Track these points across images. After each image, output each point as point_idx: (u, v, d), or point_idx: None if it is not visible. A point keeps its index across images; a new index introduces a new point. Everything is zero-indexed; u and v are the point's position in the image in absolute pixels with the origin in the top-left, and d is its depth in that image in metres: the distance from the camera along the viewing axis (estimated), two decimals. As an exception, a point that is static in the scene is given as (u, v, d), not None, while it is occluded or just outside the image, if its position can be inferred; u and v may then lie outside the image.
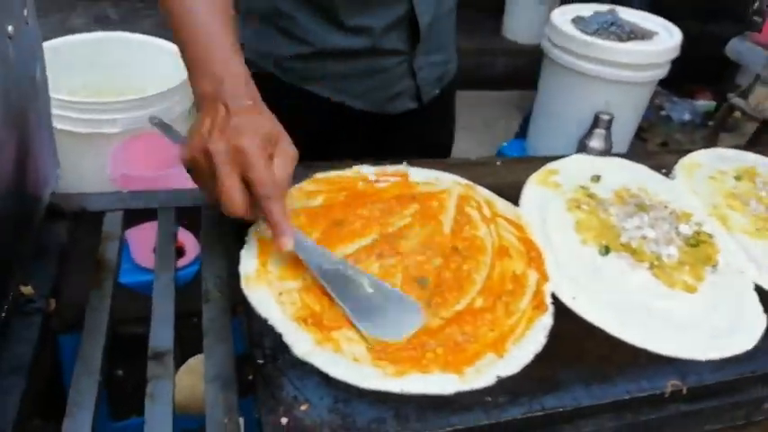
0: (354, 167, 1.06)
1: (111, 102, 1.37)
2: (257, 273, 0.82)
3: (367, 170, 1.06)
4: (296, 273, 0.83)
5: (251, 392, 0.71)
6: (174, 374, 0.76)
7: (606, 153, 1.38)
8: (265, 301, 0.78)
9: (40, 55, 0.92)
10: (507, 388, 0.71)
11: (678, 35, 1.86)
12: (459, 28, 1.41)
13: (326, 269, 0.78)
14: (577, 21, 1.88)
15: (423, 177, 1.07)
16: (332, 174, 1.04)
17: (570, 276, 0.89)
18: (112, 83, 1.68)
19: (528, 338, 0.78)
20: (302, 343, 0.72)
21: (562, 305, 0.84)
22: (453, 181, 1.07)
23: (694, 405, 0.76)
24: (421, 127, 1.39)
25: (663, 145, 3.12)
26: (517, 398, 0.70)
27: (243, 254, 0.85)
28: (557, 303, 0.84)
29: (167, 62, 1.56)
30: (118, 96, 1.39)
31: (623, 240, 0.96)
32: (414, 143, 1.37)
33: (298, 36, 1.24)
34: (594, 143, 1.75)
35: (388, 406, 0.67)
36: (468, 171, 1.09)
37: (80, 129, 1.37)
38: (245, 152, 0.72)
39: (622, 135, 1.87)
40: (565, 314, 0.83)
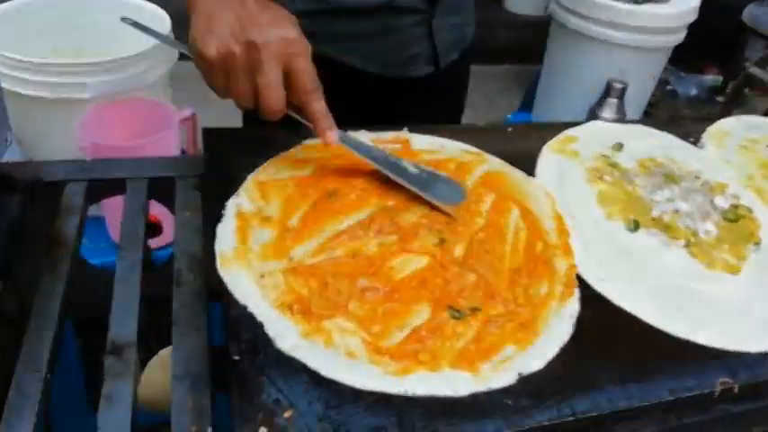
0: (350, 133, 0.94)
1: (77, 63, 1.23)
2: (235, 251, 0.70)
3: (364, 136, 0.94)
4: (281, 251, 0.71)
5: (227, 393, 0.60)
6: (137, 372, 0.64)
7: (620, 123, 1.25)
8: (244, 285, 0.66)
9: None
10: (531, 388, 0.60)
11: (696, -3, 1.73)
12: None
13: (376, 155, 0.82)
14: (588, -19, 1.75)
15: (426, 145, 0.95)
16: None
17: (596, 254, 0.77)
18: (88, 48, 1.54)
19: (552, 328, 0.66)
20: (286, 335, 0.61)
21: (589, 289, 0.73)
22: (460, 149, 0.95)
23: (745, 405, 0.66)
24: (436, 94, 1.28)
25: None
26: (543, 400, 0.59)
27: (219, 229, 0.73)
28: (582, 286, 0.73)
29: (151, 25, 1.41)
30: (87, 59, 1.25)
31: (654, 215, 0.85)
32: (427, 111, 1.25)
33: None
34: (606, 113, 1.63)
35: (390, 411, 0.56)
36: (476, 138, 0.97)
37: (45, 93, 1.23)
38: (295, 44, 0.69)
39: (635, 105, 1.75)
40: (592, 299, 0.71)
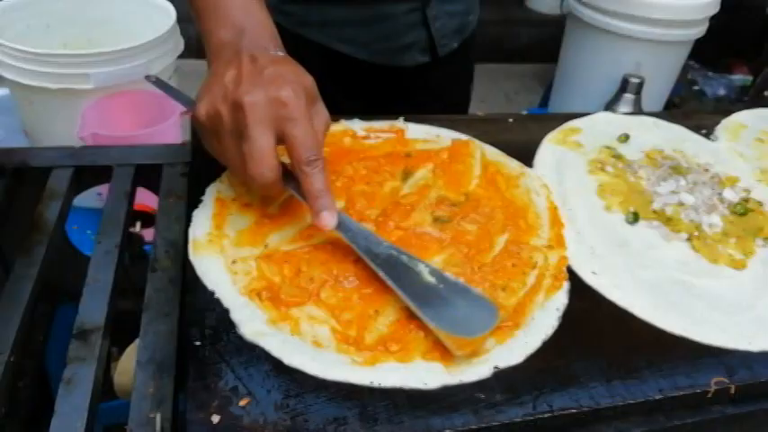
0: (342, 122, 0.91)
1: (80, 54, 1.23)
2: (209, 237, 0.68)
3: (356, 125, 0.91)
4: (256, 238, 0.69)
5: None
6: (102, 357, 0.62)
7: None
8: (214, 270, 0.64)
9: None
10: (507, 382, 0.56)
11: (717, -12, 1.67)
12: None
13: (378, 253, 0.62)
14: (605, -26, 1.70)
15: (422, 134, 0.92)
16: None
17: (590, 247, 0.73)
18: (97, 41, 1.54)
19: (536, 321, 0.63)
20: (251, 321, 0.58)
21: (580, 281, 0.69)
22: (457, 139, 0.91)
23: (743, 407, 0.61)
24: (434, 84, 1.23)
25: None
26: (519, 395, 0.55)
27: (195, 214, 0.71)
28: (573, 279, 0.69)
29: (158, 18, 1.41)
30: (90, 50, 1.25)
31: (656, 207, 0.80)
32: (425, 103, 1.21)
33: None
34: (623, 109, 1.58)
35: (353, 402, 0.53)
36: (474, 128, 0.94)
37: (48, 84, 1.23)
38: (287, 105, 0.59)
39: (653, 101, 1.69)
40: (583, 292, 0.68)
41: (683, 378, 0.59)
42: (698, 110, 1.07)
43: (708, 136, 1.02)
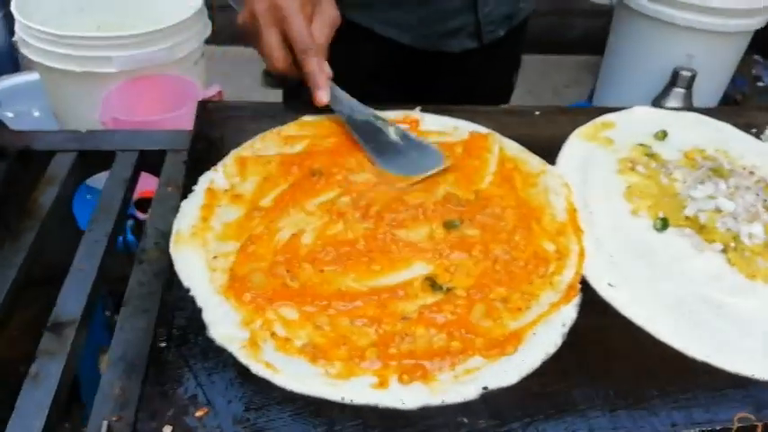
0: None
1: (105, 36, 1.22)
2: (193, 229, 0.64)
3: (368, 111, 0.86)
4: (243, 231, 0.64)
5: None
6: (75, 354, 0.59)
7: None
8: (192, 266, 0.60)
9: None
10: (495, 406, 0.50)
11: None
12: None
13: (356, 119, 0.78)
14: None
15: (438, 126, 0.86)
16: (323, 117, 0.85)
17: (609, 255, 0.66)
18: (130, 26, 1.53)
19: (538, 336, 0.56)
20: (222, 323, 0.54)
21: (593, 293, 0.62)
22: (475, 132, 0.85)
23: (773, 448, 0.53)
24: (476, 72, 1.18)
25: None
26: (506, 421, 0.49)
27: (184, 205, 0.68)
28: (586, 290, 0.62)
29: (188, 1, 1.39)
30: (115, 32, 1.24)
31: (688, 213, 0.73)
32: (465, 90, 1.16)
33: None
34: (671, 104, 1.47)
35: (320, 420, 0.48)
36: (496, 120, 0.87)
37: (73, 67, 1.23)
38: (282, 9, 0.74)
39: (706, 97, 1.57)
40: (595, 306, 0.61)
41: (701, 412, 0.52)
42: (757, 107, 0.97)
43: (758, 136, 0.92)
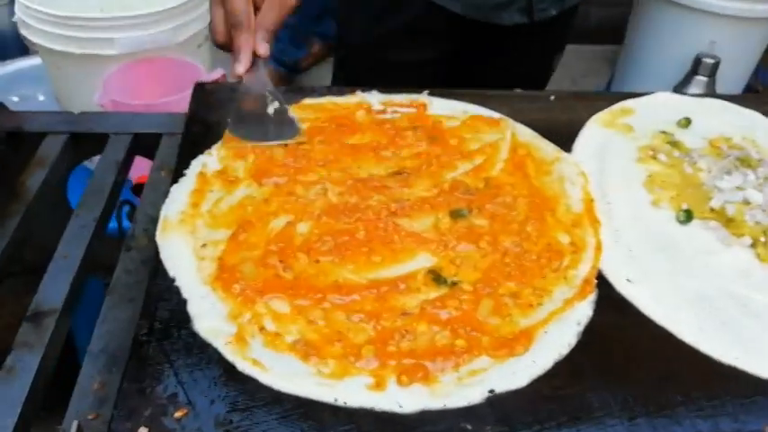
0: (358, 93, 0.82)
1: (105, 17, 1.18)
2: (182, 215, 0.60)
3: (374, 98, 0.82)
4: (235, 218, 0.60)
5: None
6: (54, 345, 0.56)
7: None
8: (178, 254, 0.56)
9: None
10: (502, 411, 0.46)
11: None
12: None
13: (252, 91, 0.76)
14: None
15: (447, 110, 0.82)
16: (325, 100, 0.80)
17: (628, 248, 0.62)
18: (132, 7, 1.49)
19: (550, 335, 0.52)
20: (208, 316, 0.50)
21: (610, 289, 0.58)
22: (484, 116, 0.80)
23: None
24: (524, 50, 1.16)
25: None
26: (514, 427, 0.45)
27: (173, 190, 0.64)
28: (603, 286, 0.58)
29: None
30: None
31: (714, 205, 0.68)
32: (510, 68, 1.15)
33: None
34: (693, 92, 1.41)
35: (309, 425, 0.44)
36: (509, 105, 0.83)
37: (73, 49, 1.19)
38: None
39: (730, 86, 1.51)
40: (612, 303, 0.56)
41: (729, 420, 0.47)
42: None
43: (788, 123, 0.87)
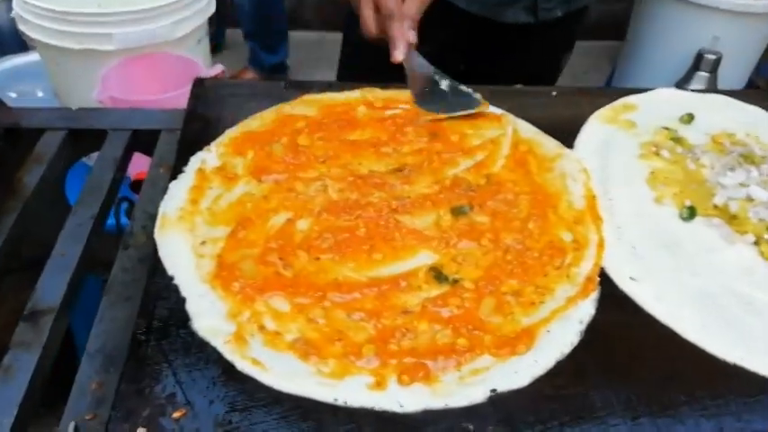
0: (359, 90, 0.81)
1: (104, 13, 1.17)
2: (180, 212, 0.60)
3: (374, 94, 0.81)
4: (234, 215, 0.60)
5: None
6: (51, 345, 0.55)
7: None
8: (177, 252, 0.55)
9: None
10: (504, 410, 0.45)
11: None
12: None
13: (417, 73, 0.82)
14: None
15: (448, 106, 0.81)
16: (325, 96, 0.80)
17: (631, 246, 0.61)
18: (131, 2, 1.48)
19: (552, 334, 0.52)
20: (207, 314, 0.50)
21: (613, 288, 0.57)
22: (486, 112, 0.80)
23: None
24: (530, 49, 1.16)
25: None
26: (516, 428, 0.44)
27: (171, 186, 0.63)
28: (605, 284, 0.57)
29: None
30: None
31: (718, 201, 0.67)
32: (516, 67, 1.14)
33: None
34: (695, 88, 1.40)
35: (309, 425, 0.43)
36: (511, 101, 0.82)
37: (71, 44, 1.18)
38: None
39: (732, 81, 1.50)
40: (615, 301, 0.56)
41: (733, 420, 0.47)
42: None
43: (791, 120, 0.86)
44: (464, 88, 0.82)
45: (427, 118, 0.76)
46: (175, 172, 0.66)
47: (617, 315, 0.54)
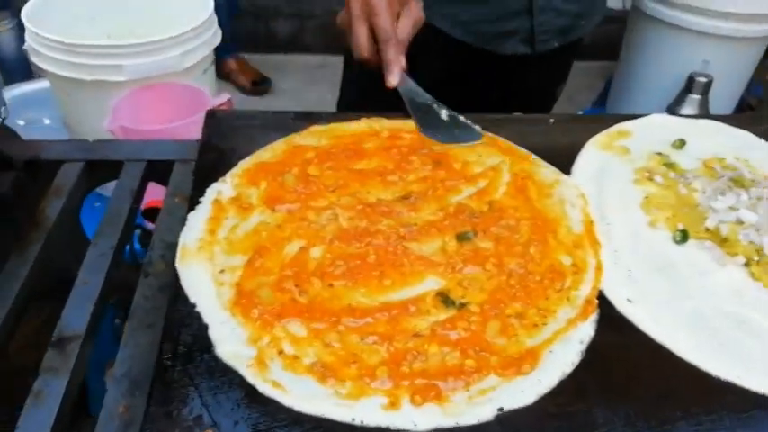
0: (365, 120, 0.85)
1: (113, 45, 1.21)
2: (200, 243, 0.63)
3: (380, 125, 0.84)
4: (250, 244, 0.63)
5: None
6: (78, 370, 0.58)
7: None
8: (198, 281, 0.59)
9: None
10: (512, 427, 0.48)
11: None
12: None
13: (416, 101, 0.85)
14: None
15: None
16: (332, 126, 0.83)
17: (627, 269, 0.64)
18: (140, 33, 1.53)
19: (555, 354, 0.55)
20: (229, 340, 0.53)
21: (611, 309, 0.60)
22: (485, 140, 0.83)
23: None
24: (526, 79, 1.19)
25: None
26: (523, 445, 0.47)
27: (190, 217, 0.66)
28: (604, 306, 0.60)
29: (197, 8, 1.38)
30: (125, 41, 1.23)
31: (709, 225, 0.70)
32: (512, 96, 1.18)
33: None
34: (686, 111, 1.45)
35: (329, 443, 0.46)
36: (509, 129, 0.85)
37: (83, 75, 1.22)
38: (372, 5, 0.81)
39: (723, 103, 1.55)
40: (613, 323, 0.59)
41: (727, 434, 0.49)
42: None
43: (779, 143, 0.90)
44: (463, 119, 0.84)
45: (435, 148, 0.79)
46: (192, 203, 0.69)
47: (615, 336, 0.58)
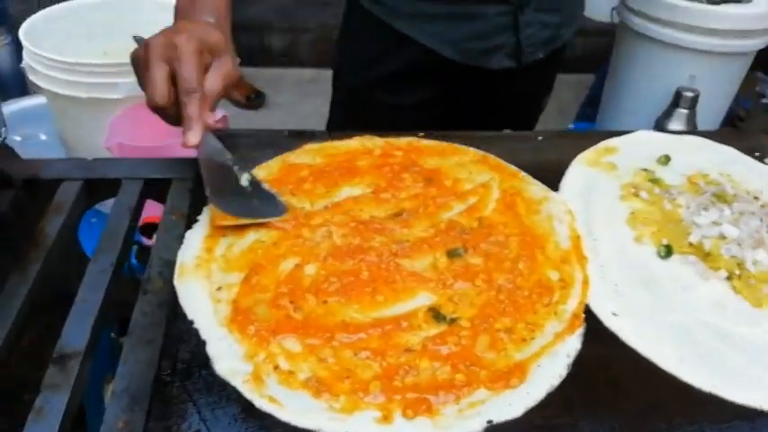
0: (357, 138, 0.87)
1: (108, 63, 1.23)
2: (197, 260, 0.64)
3: (373, 143, 0.87)
4: (246, 262, 0.65)
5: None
6: (79, 386, 0.59)
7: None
8: (195, 298, 0.60)
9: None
10: (500, 440, 0.50)
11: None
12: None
13: (214, 160, 0.74)
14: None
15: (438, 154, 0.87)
16: (325, 144, 0.85)
17: (614, 284, 0.66)
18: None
19: (542, 368, 0.56)
20: (226, 357, 0.54)
21: (597, 323, 0.62)
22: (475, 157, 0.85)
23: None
24: (512, 92, 1.21)
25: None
26: (512, 456, 0.49)
27: (188, 235, 0.68)
28: (590, 320, 0.62)
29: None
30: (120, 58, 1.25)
31: (693, 240, 0.72)
32: (500, 109, 1.21)
33: None
34: (675, 125, 1.47)
35: (323, 456, 0.48)
36: (498, 146, 0.88)
37: (79, 93, 1.24)
38: (176, 47, 0.72)
39: (709, 117, 1.57)
40: (599, 336, 0.61)
41: (709, 445, 0.51)
42: (762, 130, 0.98)
43: (762, 159, 0.92)
44: (267, 188, 0.74)
45: (223, 223, 0.69)
46: (190, 221, 0.71)
47: (601, 349, 0.59)
